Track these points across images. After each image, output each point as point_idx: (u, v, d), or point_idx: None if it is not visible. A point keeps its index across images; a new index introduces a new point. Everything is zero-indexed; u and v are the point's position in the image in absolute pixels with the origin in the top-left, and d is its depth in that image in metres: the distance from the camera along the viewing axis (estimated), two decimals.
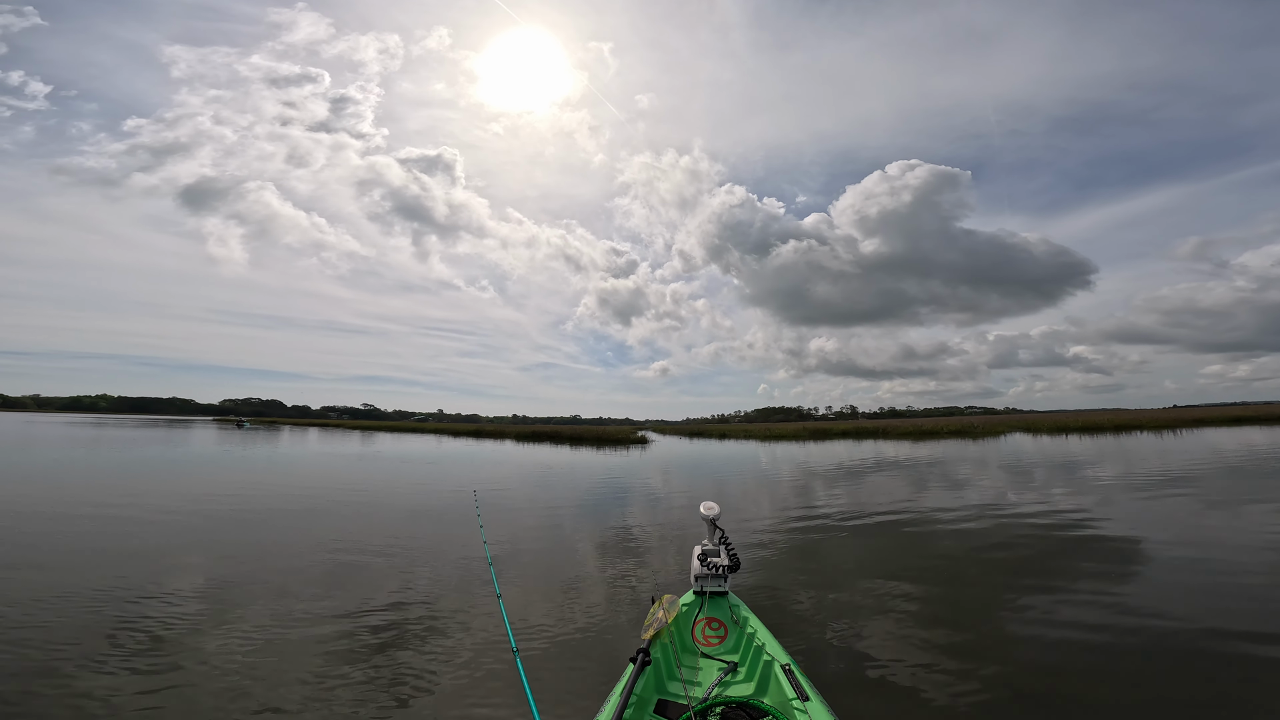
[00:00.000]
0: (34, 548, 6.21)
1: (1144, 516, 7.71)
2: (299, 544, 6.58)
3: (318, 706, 2.92)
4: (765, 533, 7.22)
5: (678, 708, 2.28)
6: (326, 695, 3.02)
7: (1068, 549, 6.09)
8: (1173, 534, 6.60)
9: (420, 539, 6.91)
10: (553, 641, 3.74)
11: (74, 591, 4.66)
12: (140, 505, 9.02)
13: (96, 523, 7.61)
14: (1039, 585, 4.79)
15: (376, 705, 2.94)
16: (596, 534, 7.33)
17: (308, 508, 9.26)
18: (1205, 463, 14.31)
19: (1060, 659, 3.40)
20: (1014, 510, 8.47)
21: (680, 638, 2.84)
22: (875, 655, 3.48)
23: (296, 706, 2.92)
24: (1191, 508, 8.29)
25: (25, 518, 7.87)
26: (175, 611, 4.24)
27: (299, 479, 13.35)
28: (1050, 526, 7.26)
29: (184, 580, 5.09)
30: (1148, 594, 4.52)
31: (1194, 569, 5.18)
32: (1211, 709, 2.84)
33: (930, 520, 7.91)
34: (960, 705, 2.90)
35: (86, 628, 3.88)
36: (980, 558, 5.82)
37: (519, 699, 2.90)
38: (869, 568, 5.52)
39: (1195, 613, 4.04)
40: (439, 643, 3.73)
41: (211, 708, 2.88)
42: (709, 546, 3.34)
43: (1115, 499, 9.20)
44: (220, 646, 3.60)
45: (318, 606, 4.40)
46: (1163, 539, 6.36)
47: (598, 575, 5.38)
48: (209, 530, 7.30)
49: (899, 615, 4.18)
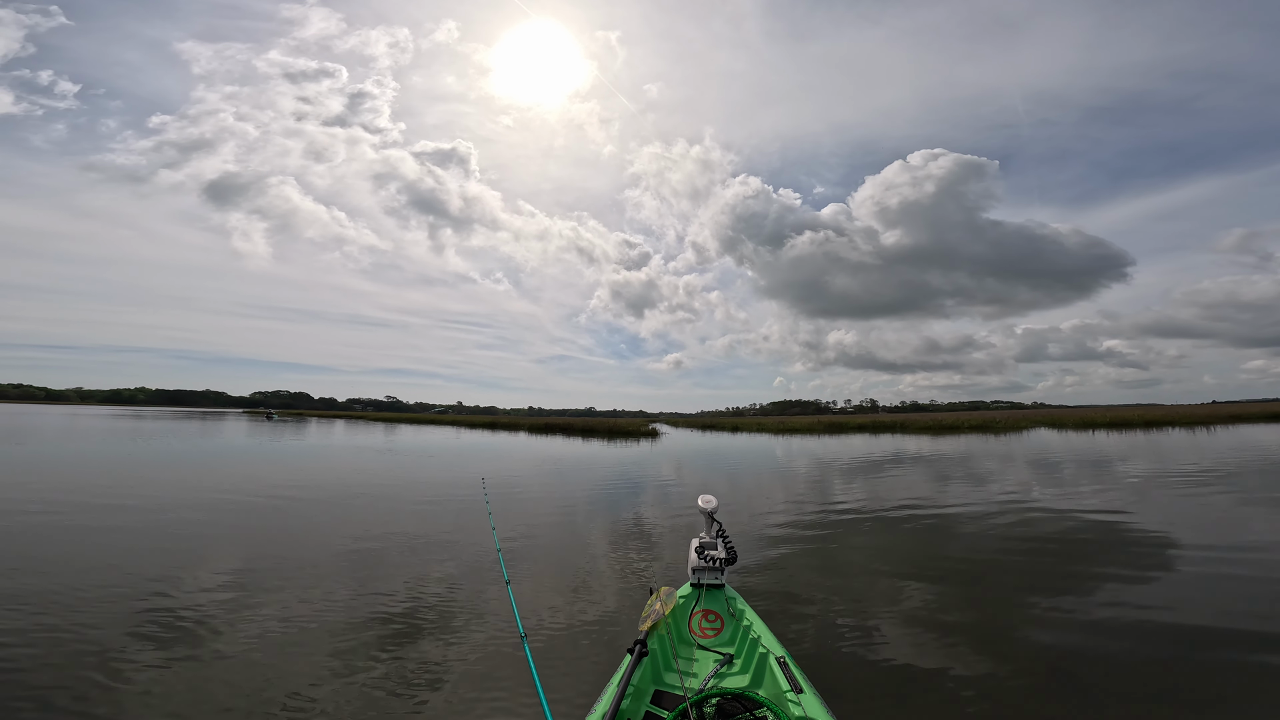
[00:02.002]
0: (85, 537, 6.65)
1: (1169, 514, 7.50)
2: (318, 532, 6.88)
3: (332, 690, 3.04)
4: (773, 526, 7.25)
5: (674, 699, 2.31)
6: (340, 683, 3.14)
7: (1088, 547, 5.99)
8: (1202, 532, 6.43)
9: (434, 528, 7.15)
10: (558, 628, 3.86)
11: (106, 580, 4.96)
12: (169, 497, 9.51)
13: (136, 515, 8.07)
14: (1055, 585, 4.73)
15: (388, 689, 3.05)
16: (599, 525, 7.46)
17: (327, 498, 9.64)
18: (1239, 459, 13.74)
19: (1076, 658, 3.36)
20: (1032, 506, 8.32)
21: (677, 630, 2.88)
22: (876, 651, 3.50)
23: (310, 690, 3.03)
24: (1222, 505, 8.04)
25: (88, 509, 8.39)
26: (200, 599, 4.46)
27: (320, 471, 13.85)
28: (1070, 524, 7.12)
29: (217, 566, 5.37)
30: (1173, 593, 4.42)
31: (1224, 568, 5.06)
32: (1240, 709, 2.79)
33: (943, 516, 7.82)
34: (968, 702, 2.90)
35: (111, 614, 4.09)
36: (995, 555, 5.76)
37: (526, 684, 3.01)
38: (877, 563, 5.53)
39: (1225, 614, 3.96)
40: (448, 627, 3.88)
41: (229, 695, 3.00)
42: (706, 539, 3.34)
43: (1140, 496, 8.94)
44: (240, 632, 3.78)
45: (336, 592, 4.61)
46: (1190, 537, 6.20)
47: (600, 565, 5.51)
48: (237, 521, 7.68)
49: (904, 611, 4.19)
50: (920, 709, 2.89)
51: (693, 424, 60.86)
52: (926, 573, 5.18)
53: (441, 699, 2.98)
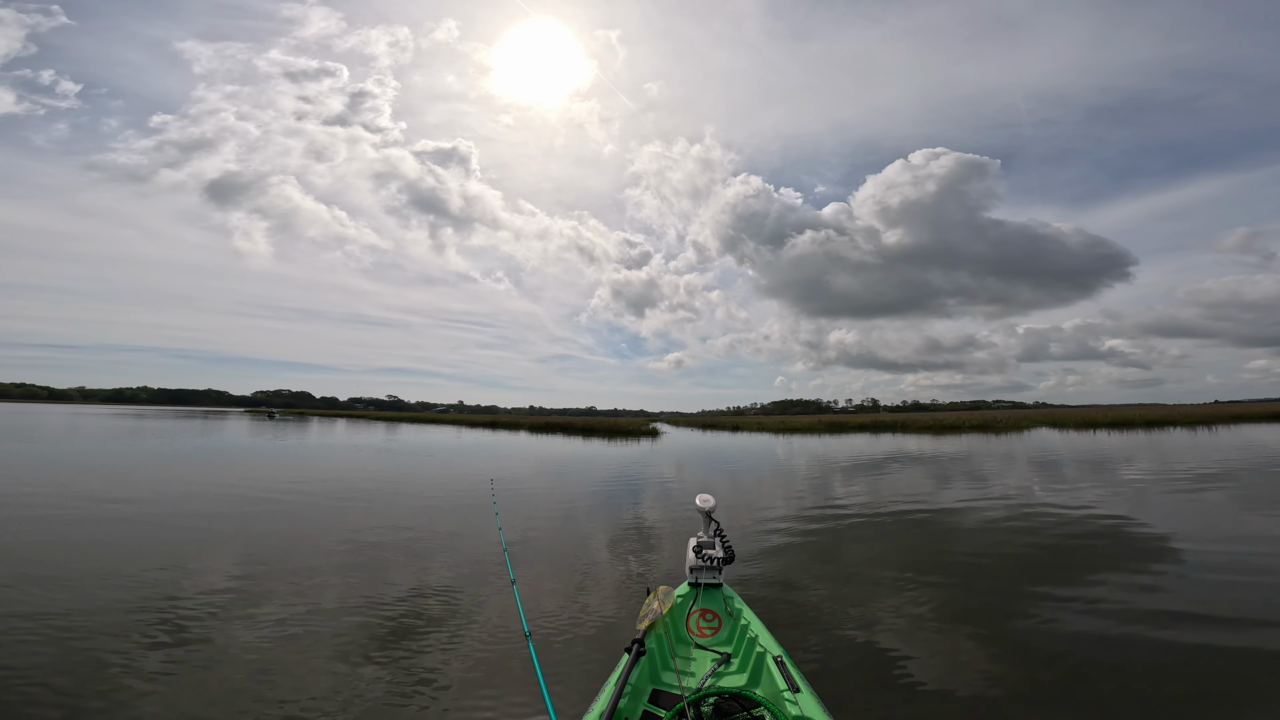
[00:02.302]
0: (92, 536, 6.71)
1: (1169, 513, 7.52)
2: (322, 532, 6.92)
3: (339, 689, 3.06)
4: (773, 525, 7.28)
5: (672, 698, 2.31)
6: (347, 677, 3.18)
7: (1088, 545, 6.01)
8: (1204, 531, 6.44)
9: (438, 527, 7.18)
10: (558, 627, 3.89)
11: (112, 576, 5.02)
12: (172, 494, 9.57)
13: (132, 515, 8.13)
14: (1059, 582, 4.75)
15: (394, 685, 3.09)
16: (599, 524, 7.49)
17: (328, 496, 9.68)
18: (1238, 459, 13.73)
19: (1076, 656, 3.35)
20: (1030, 506, 8.33)
21: (675, 629, 2.89)
22: (878, 650, 3.50)
23: (316, 689, 3.06)
24: (1222, 504, 8.05)
25: (95, 510, 8.45)
26: (204, 600, 4.48)
27: (320, 470, 13.90)
28: (1071, 522, 7.14)
29: (217, 566, 5.42)
30: (1173, 593, 4.43)
31: (1222, 567, 5.06)
32: (1245, 709, 2.79)
33: (941, 514, 7.85)
34: (967, 701, 2.90)
35: (109, 615, 4.08)
36: (996, 553, 5.78)
37: (530, 681, 3.03)
38: (877, 561, 5.55)
39: (1225, 612, 3.97)
40: (453, 625, 3.92)
41: (232, 692, 3.03)
42: (704, 538, 3.34)
43: (1138, 495, 8.95)
44: (240, 632, 3.80)
45: (338, 591, 4.65)
46: (1193, 536, 6.21)
47: (599, 564, 5.54)
48: (242, 518, 7.73)
49: (905, 610, 4.20)
50: (922, 709, 2.89)
51: (693, 423, 60.83)
52: (928, 572, 5.19)
53: (447, 694, 3.00)
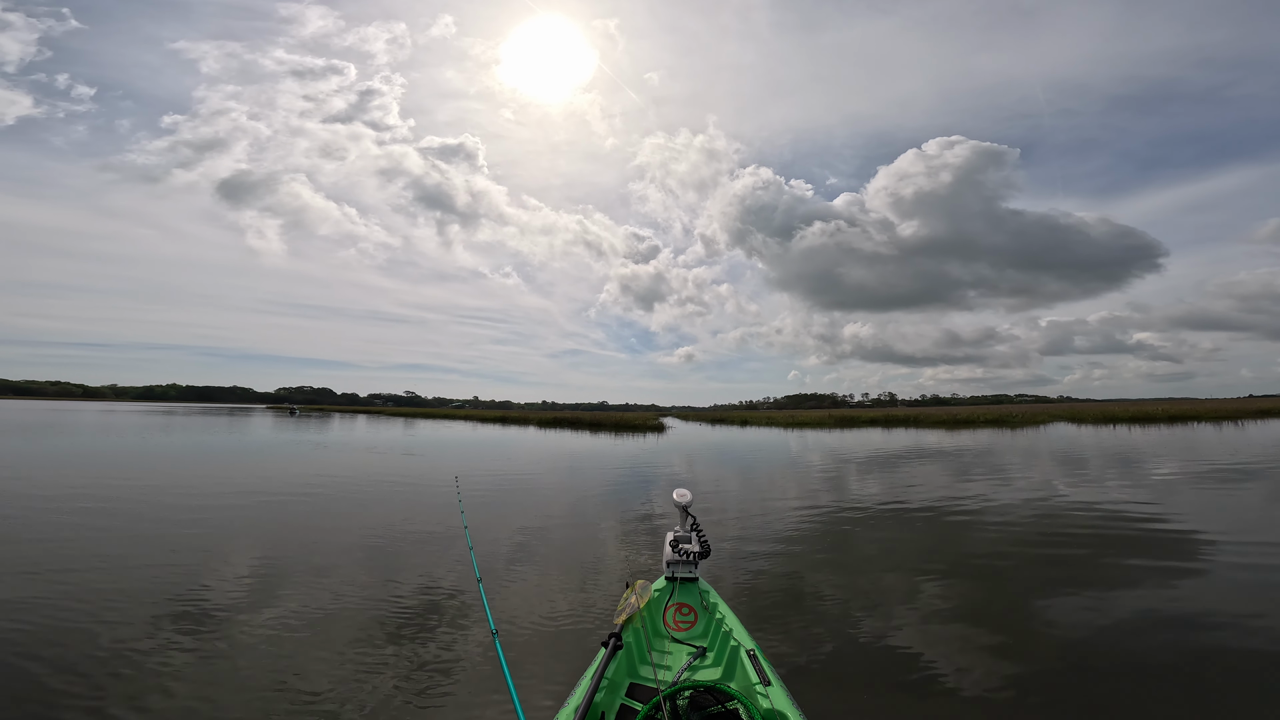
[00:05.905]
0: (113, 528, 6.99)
1: (1193, 509, 7.34)
2: (319, 532, 7.06)
3: (313, 689, 3.01)
4: (774, 523, 7.27)
5: (649, 691, 2.31)
6: (317, 678, 3.11)
7: (1106, 541, 5.94)
8: (1229, 528, 6.30)
9: (410, 527, 7.05)
10: (531, 624, 3.86)
11: (128, 572, 5.20)
12: (195, 490, 9.94)
13: (159, 509, 8.46)
14: (1061, 587, 4.67)
15: (360, 684, 3.04)
16: (590, 519, 7.56)
17: (329, 496, 10.02)
18: (1264, 455, 13.34)
19: (1100, 655, 3.31)
20: (1042, 502, 8.22)
21: (651, 622, 2.91)
22: (880, 650, 3.48)
23: (303, 686, 3.04)
24: (1246, 501, 7.86)
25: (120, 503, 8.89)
26: (205, 595, 4.54)
27: (328, 467, 14.32)
28: (1088, 518, 7.05)
29: (226, 564, 5.58)
30: (1200, 592, 4.35)
31: (1249, 567, 4.95)
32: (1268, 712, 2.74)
33: (951, 510, 7.78)
34: (973, 701, 2.88)
35: (106, 615, 4.05)
36: (996, 552, 5.71)
37: (498, 680, 3.00)
38: (876, 560, 5.53)
39: (1250, 613, 3.89)
40: (419, 624, 3.86)
41: (200, 693, 2.97)
42: (681, 533, 3.37)
43: (1157, 491, 8.75)
44: (236, 632, 3.77)
45: (314, 589, 4.60)
46: (1217, 533, 6.09)
47: (583, 559, 5.55)
48: (260, 516, 7.98)
49: (906, 605, 4.18)
50: (926, 709, 2.89)
51: (703, 418, 60.77)
52: (932, 566, 5.15)
53: (411, 694, 2.98)
